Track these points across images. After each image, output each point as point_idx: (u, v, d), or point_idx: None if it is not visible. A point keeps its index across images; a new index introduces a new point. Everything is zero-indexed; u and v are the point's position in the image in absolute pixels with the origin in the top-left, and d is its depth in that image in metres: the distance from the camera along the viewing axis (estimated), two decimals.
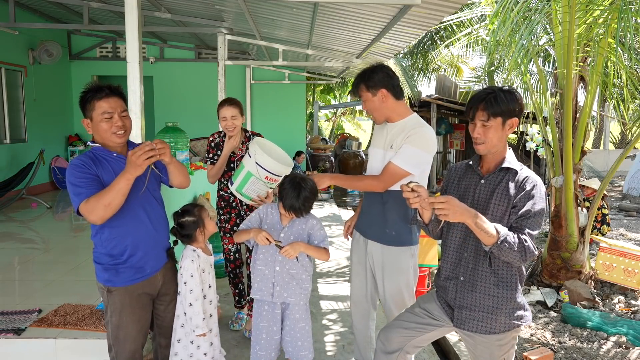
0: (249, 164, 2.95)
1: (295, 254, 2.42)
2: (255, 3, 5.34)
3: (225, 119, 3.24)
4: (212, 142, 3.39)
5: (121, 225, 2.20)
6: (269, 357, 2.58)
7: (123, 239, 2.22)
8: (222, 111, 3.25)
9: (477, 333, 2.04)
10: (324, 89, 18.21)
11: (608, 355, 3.38)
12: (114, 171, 2.18)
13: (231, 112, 3.24)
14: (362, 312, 2.80)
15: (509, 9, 4.13)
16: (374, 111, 2.58)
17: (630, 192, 10.66)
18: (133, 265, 2.25)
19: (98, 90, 2.15)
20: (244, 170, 2.98)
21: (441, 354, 3.47)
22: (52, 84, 9.67)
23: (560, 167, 4.58)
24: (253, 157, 2.91)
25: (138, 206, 2.24)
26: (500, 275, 1.99)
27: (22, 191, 7.52)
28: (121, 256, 2.23)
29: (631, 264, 4.48)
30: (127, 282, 2.25)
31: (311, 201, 2.45)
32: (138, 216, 2.24)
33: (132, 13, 3.06)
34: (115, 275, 2.24)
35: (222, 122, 3.25)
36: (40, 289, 3.96)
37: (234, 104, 3.27)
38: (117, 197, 2.04)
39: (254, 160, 2.91)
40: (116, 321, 2.28)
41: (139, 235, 2.25)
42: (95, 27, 7.48)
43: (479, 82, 10.04)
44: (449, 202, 1.81)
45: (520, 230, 1.89)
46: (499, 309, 1.99)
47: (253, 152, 2.92)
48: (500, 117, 1.95)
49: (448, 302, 2.13)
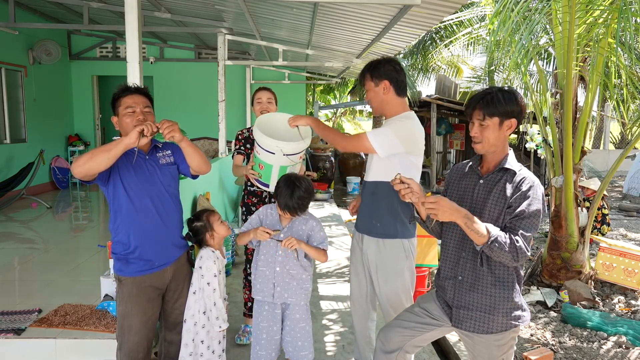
0: (277, 160, 2.75)
1: (297, 245, 2.44)
2: (255, 3, 5.34)
3: (261, 101, 3.28)
4: (241, 136, 3.38)
5: (129, 215, 2.28)
6: (269, 357, 2.59)
7: (129, 227, 2.29)
8: (258, 94, 3.31)
9: (475, 333, 2.04)
10: (324, 89, 18.21)
11: (608, 355, 3.38)
12: (132, 165, 2.28)
13: (267, 95, 3.29)
14: (361, 312, 2.80)
15: (509, 9, 4.13)
16: (373, 102, 2.60)
17: (630, 192, 10.66)
18: (141, 257, 2.32)
19: (125, 90, 2.33)
20: (275, 169, 2.81)
21: (441, 354, 3.47)
22: (52, 84, 9.67)
23: (560, 167, 4.58)
24: (278, 152, 2.69)
25: (147, 198, 2.31)
26: (497, 275, 1.99)
27: (22, 191, 7.52)
28: (128, 245, 2.30)
29: (631, 264, 4.48)
30: (136, 272, 2.32)
31: (306, 200, 2.46)
32: (147, 207, 2.31)
33: (132, 13, 3.07)
34: (125, 265, 2.32)
35: (257, 106, 3.29)
36: (40, 289, 3.96)
37: (271, 90, 3.36)
38: (100, 153, 2.08)
39: (281, 154, 2.70)
40: (122, 310, 2.35)
41: (146, 226, 2.31)
42: (95, 27, 7.49)
43: (479, 82, 10.04)
44: (438, 203, 1.85)
45: (513, 231, 1.89)
46: (496, 309, 1.99)
47: (274, 147, 2.69)
48: (497, 117, 1.95)
49: (447, 301, 2.14)
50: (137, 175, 2.30)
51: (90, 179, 2.19)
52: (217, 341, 2.51)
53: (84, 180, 2.17)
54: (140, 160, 2.33)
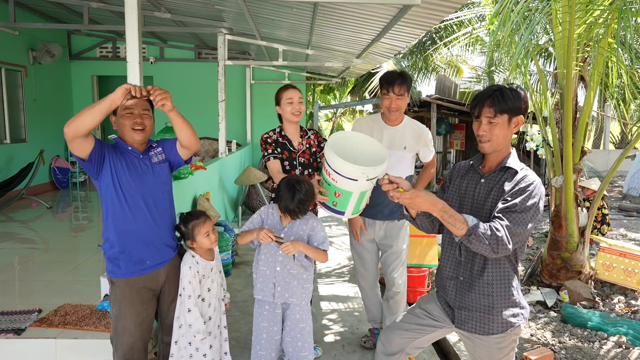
0: (360, 186, 2.44)
1: (294, 251, 2.44)
2: (255, 3, 5.34)
3: (292, 101, 2.98)
4: (267, 139, 3.06)
5: (119, 214, 2.27)
6: (269, 357, 2.59)
7: (118, 226, 2.28)
8: (288, 93, 2.99)
9: (476, 334, 2.03)
10: (324, 89, 18.21)
11: (608, 355, 3.37)
12: (126, 162, 2.28)
13: (298, 95, 3.01)
14: (370, 282, 3.34)
15: (509, 9, 4.13)
16: (400, 110, 3.03)
17: (630, 192, 10.65)
18: (131, 258, 2.30)
19: None
20: (354, 196, 2.49)
21: (441, 354, 3.47)
22: (52, 84, 9.68)
23: (560, 167, 4.58)
24: (361, 178, 2.38)
25: (138, 195, 2.29)
26: (493, 274, 1.98)
27: (22, 191, 7.52)
28: (117, 245, 2.28)
29: (631, 264, 4.48)
30: (128, 274, 2.30)
31: (306, 203, 2.46)
32: (137, 204, 2.29)
33: (132, 13, 3.06)
34: (116, 267, 2.30)
35: (288, 106, 2.98)
36: (40, 289, 3.96)
37: (298, 89, 3.09)
38: (87, 110, 2.09)
39: (364, 180, 2.39)
40: (116, 312, 2.34)
41: (137, 226, 2.29)
42: (95, 27, 7.48)
43: (479, 82, 10.04)
44: (412, 200, 1.88)
45: (499, 221, 1.85)
46: (494, 308, 1.98)
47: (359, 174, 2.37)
48: (506, 114, 1.93)
49: (448, 302, 2.13)
50: (130, 174, 2.28)
51: (82, 149, 2.15)
52: (207, 345, 2.43)
53: (76, 153, 2.16)
54: (135, 159, 2.31)
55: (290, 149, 3.06)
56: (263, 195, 7.02)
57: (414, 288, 4.17)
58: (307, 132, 3.17)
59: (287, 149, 3.05)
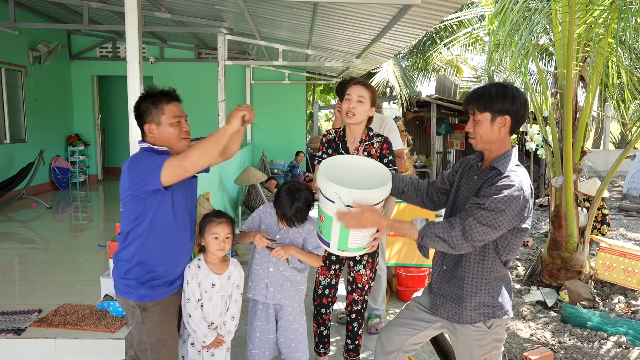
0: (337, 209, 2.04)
1: (285, 255, 2.44)
2: (255, 3, 5.34)
3: (350, 98, 2.56)
4: (323, 139, 2.77)
5: (171, 233, 2.07)
6: (263, 355, 2.59)
7: (166, 246, 2.08)
8: (349, 88, 2.60)
9: (449, 321, 2.07)
10: (324, 89, 18.20)
11: (608, 355, 3.38)
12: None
13: (359, 92, 2.57)
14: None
15: (508, 9, 4.13)
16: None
17: (630, 192, 10.65)
18: (167, 280, 2.12)
19: (166, 94, 2.09)
20: (335, 224, 2.08)
21: (441, 354, 3.47)
22: (52, 84, 9.67)
23: (560, 167, 4.58)
24: (337, 201, 2.01)
25: (186, 213, 2.14)
26: (473, 268, 2.00)
27: (22, 191, 7.51)
28: (156, 265, 2.07)
29: (631, 264, 4.48)
30: (162, 295, 2.11)
31: (304, 212, 2.45)
32: (185, 223, 2.14)
33: (132, 13, 3.06)
34: (151, 290, 2.07)
35: (345, 104, 2.59)
36: (40, 289, 3.96)
37: (365, 86, 2.61)
38: (212, 147, 1.91)
39: (342, 204, 2.01)
40: (157, 338, 2.10)
41: (180, 245, 2.14)
42: (95, 27, 7.48)
43: (479, 82, 10.04)
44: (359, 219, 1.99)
45: (464, 216, 1.88)
46: (463, 302, 2.01)
47: (332, 193, 2.02)
48: (488, 112, 1.94)
49: (432, 289, 2.19)
50: (180, 190, 2.09)
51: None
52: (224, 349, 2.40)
53: (171, 183, 1.97)
54: None
55: (342, 152, 2.68)
56: (263, 195, 7.03)
57: (414, 288, 4.17)
58: (373, 139, 2.70)
59: (339, 151, 2.69)
